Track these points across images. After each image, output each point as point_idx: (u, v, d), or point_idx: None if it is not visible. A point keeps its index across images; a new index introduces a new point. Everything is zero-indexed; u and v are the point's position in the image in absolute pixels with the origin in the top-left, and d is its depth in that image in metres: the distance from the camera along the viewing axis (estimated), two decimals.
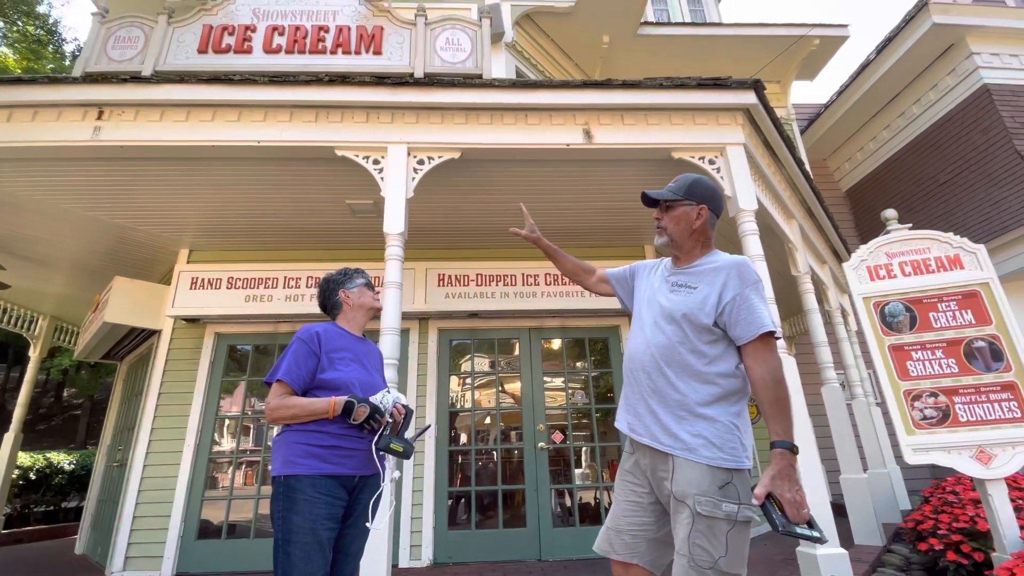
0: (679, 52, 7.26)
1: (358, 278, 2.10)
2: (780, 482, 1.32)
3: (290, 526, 1.64)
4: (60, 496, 8.07)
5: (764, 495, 1.32)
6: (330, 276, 2.11)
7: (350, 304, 2.05)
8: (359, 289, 2.07)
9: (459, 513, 4.53)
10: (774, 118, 3.73)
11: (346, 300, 2.06)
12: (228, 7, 4.25)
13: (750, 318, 1.44)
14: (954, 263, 3.18)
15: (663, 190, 1.66)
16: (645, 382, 1.53)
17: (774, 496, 1.32)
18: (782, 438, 1.36)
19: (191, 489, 4.27)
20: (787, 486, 1.31)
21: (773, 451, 1.36)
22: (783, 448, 1.35)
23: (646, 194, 1.67)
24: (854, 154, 8.51)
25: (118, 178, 3.76)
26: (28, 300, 6.46)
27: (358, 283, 2.08)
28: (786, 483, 1.32)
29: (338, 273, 2.11)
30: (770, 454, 1.37)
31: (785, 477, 1.32)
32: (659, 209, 1.67)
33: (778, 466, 1.34)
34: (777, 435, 1.37)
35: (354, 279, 2.09)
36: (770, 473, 1.34)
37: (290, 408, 1.75)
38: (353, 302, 2.05)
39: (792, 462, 1.35)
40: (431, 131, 3.44)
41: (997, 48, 6.57)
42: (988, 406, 2.88)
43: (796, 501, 1.30)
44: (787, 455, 1.35)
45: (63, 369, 15.11)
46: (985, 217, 6.35)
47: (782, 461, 1.34)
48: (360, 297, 2.06)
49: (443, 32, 4.23)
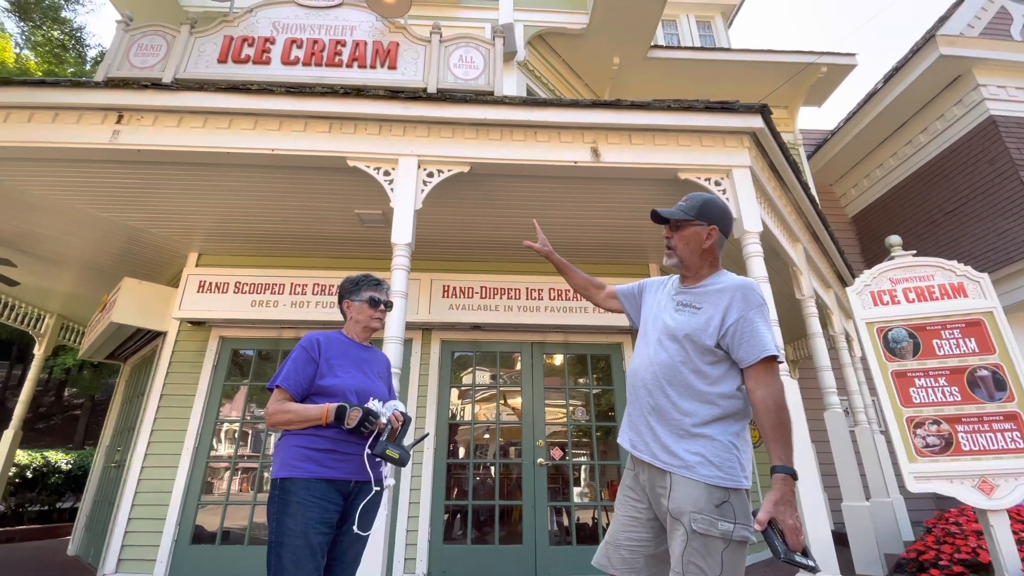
0: (688, 75, 7.38)
1: (365, 291, 2.07)
2: (783, 508, 1.30)
3: (283, 528, 1.65)
4: (56, 496, 8.03)
5: (767, 521, 1.30)
6: (344, 281, 2.13)
7: (350, 316, 2.08)
8: (360, 305, 2.06)
9: (455, 527, 4.49)
10: (780, 142, 3.78)
11: (348, 311, 2.08)
12: (249, 19, 4.37)
13: (753, 341, 1.44)
14: (958, 291, 3.18)
15: (674, 209, 1.65)
16: (646, 399, 1.54)
17: (775, 522, 1.30)
18: (783, 463, 1.35)
19: (187, 493, 4.25)
20: (788, 512, 1.30)
21: (775, 476, 1.35)
22: (785, 473, 1.34)
23: (656, 212, 1.66)
24: (860, 180, 8.55)
25: (134, 181, 3.83)
26: (36, 298, 6.52)
27: (362, 298, 2.07)
28: (788, 509, 1.30)
29: (351, 280, 2.12)
30: (771, 479, 1.36)
31: (787, 503, 1.31)
32: (668, 228, 1.66)
33: (780, 492, 1.32)
34: (779, 460, 1.36)
35: (361, 292, 2.07)
36: (772, 499, 1.32)
37: (286, 413, 1.78)
38: (352, 315, 2.07)
39: (793, 488, 1.34)
40: (442, 145, 3.50)
41: (1003, 80, 6.64)
42: (991, 435, 2.86)
43: (796, 528, 1.29)
44: (789, 481, 1.34)
45: (66, 368, 15.16)
46: (991, 247, 6.35)
47: (784, 487, 1.33)
48: (358, 313, 2.06)
49: (457, 49, 4.33)
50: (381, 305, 2.09)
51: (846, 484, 4.39)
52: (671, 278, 1.77)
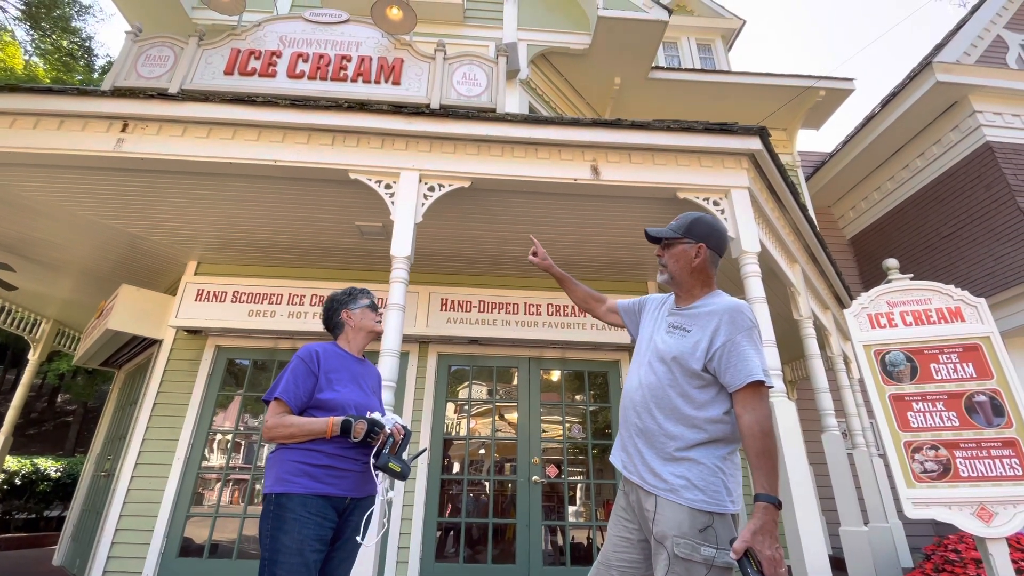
0: (688, 96, 7.47)
1: (362, 299, 2.09)
2: (761, 537, 1.28)
3: (278, 546, 1.61)
4: (43, 504, 7.92)
5: (743, 550, 1.28)
6: (335, 295, 2.12)
7: (352, 325, 2.05)
8: (362, 311, 2.06)
9: (447, 545, 4.42)
10: (778, 163, 3.81)
11: (348, 321, 2.06)
12: (257, 33, 4.43)
13: (740, 365, 1.43)
14: (955, 315, 3.19)
15: (664, 228, 1.70)
16: (635, 421, 1.54)
17: (752, 551, 1.28)
18: (767, 491, 1.33)
19: (177, 504, 4.20)
20: (768, 542, 1.28)
21: (757, 504, 1.33)
22: (768, 502, 1.32)
23: (648, 232, 1.71)
24: (858, 203, 8.61)
25: (136, 188, 3.85)
26: (33, 302, 6.50)
27: (362, 304, 2.07)
28: (767, 539, 1.28)
29: (343, 293, 2.12)
30: (754, 507, 1.34)
31: (767, 533, 1.29)
32: (660, 247, 1.69)
33: (760, 521, 1.30)
34: (762, 488, 1.34)
35: (358, 300, 2.08)
36: (751, 527, 1.30)
37: (288, 427, 1.74)
38: (355, 323, 2.05)
39: (775, 517, 1.31)
40: (443, 160, 3.53)
41: (999, 107, 6.73)
42: (989, 462, 2.84)
43: (775, 559, 1.26)
44: (771, 510, 1.31)
45: (59, 374, 15.06)
46: (988, 272, 6.37)
47: (765, 516, 1.30)
48: (362, 319, 2.05)
49: (460, 67, 4.39)
50: (380, 309, 2.12)
51: (844, 508, 4.34)
52: (669, 297, 1.77)
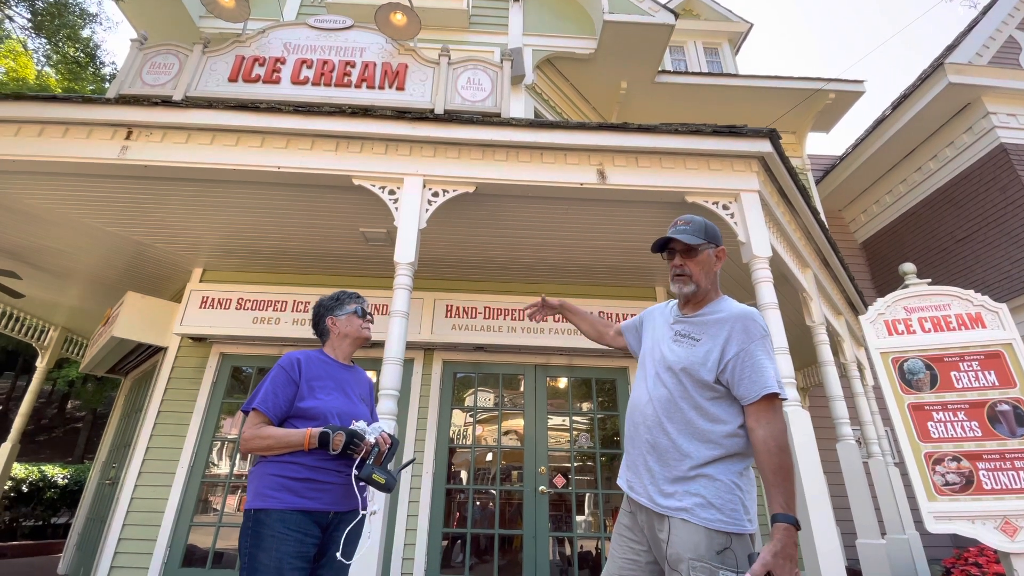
0: (695, 100, 7.41)
1: (349, 304, 2.01)
2: (782, 561, 1.20)
3: (255, 564, 1.54)
4: (50, 511, 7.94)
5: (763, 573, 1.20)
6: (321, 300, 2.04)
7: (336, 332, 1.98)
8: (347, 317, 1.98)
9: (453, 556, 4.34)
10: (789, 167, 3.74)
11: (332, 327, 1.98)
12: (261, 40, 4.43)
13: (754, 377, 1.36)
14: (975, 321, 3.09)
15: (680, 234, 1.55)
16: (645, 437, 1.46)
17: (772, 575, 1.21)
18: (785, 511, 1.25)
19: (180, 512, 4.16)
20: (788, 567, 1.20)
21: (775, 525, 1.25)
22: (787, 523, 1.24)
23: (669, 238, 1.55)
24: (870, 206, 8.49)
25: (140, 196, 3.84)
26: (41, 310, 6.54)
27: (348, 310, 1.99)
28: (787, 564, 1.20)
29: (329, 298, 2.04)
30: (772, 528, 1.26)
31: (787, 556, 1.21)
32: (679, 255, 1.56)
33: (781, 543, 1.22)
34: (780, 507, 1.26)
35: (344, 306, 2.00)
36: (772, 550, 1.22)
37: (264, 439, 1.66)
38: (340, 330, 1.97)
39: (795, 539, 1.24)
40: (448, 165, 3.49)
41: (1013, 109, 6.61)
42: (1013, 473, 2.73)
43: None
44: (791, 531, 1.23)
45: (69, 381, 15.16)
46: (1005, 276, 6.23)
47: (786, 538, 1.23)
48: (347, 326, 1.97)
49: (465, 72, 4.36)
50: (367, 315, 2.03)
51: (860, 520, 4.22)
52: (669, 304, 1.70)
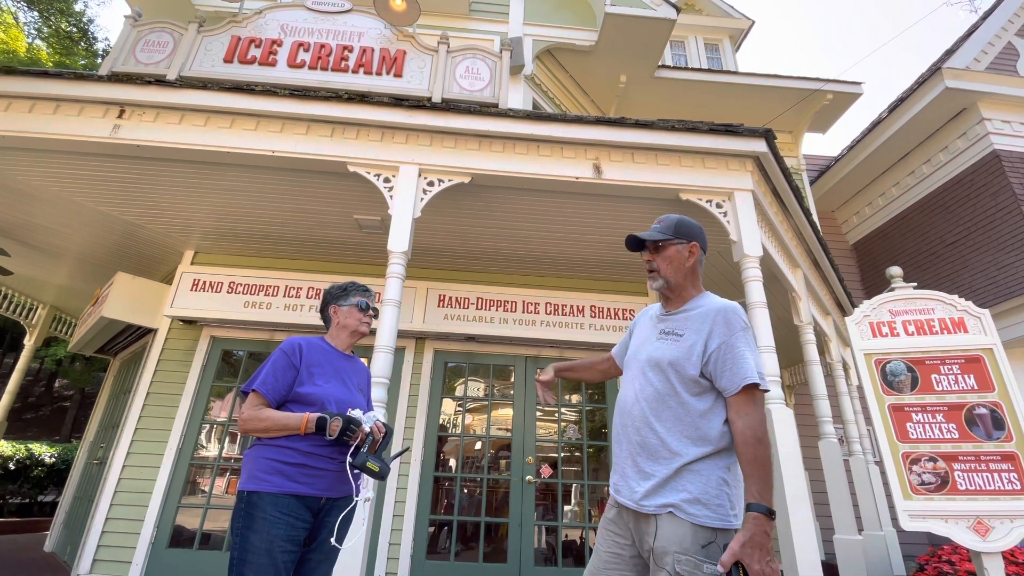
0: (694, 96, 7.40)
1: (354, 296, 2.05)
2: (751, 550, 1.21)
3: (246, 545, 1.58)
4: (37, 489, 7.91)
5: (731, 563, 1.21)
6: (330, 288, 2.09)
7: (336, 322, 2.02)
8: (348, 309, 2.02)
9: (439, 542, 4.40)
10: (784, 167, 3.76)
11: (334, 317, 2.03)
12: (257, 21, 4.37)
13: (735, 368, 1.39)
14: (958, 326, 3.14)
15: (650, 231, 1.62)
16: (634, 437, 1.48)
17: (743, 565, 1.21)
18: (758, 501, 1.27)
19: (168, 493, 4.17)
20: (758, 555, 1.21)
21: (747, 514, 1.27)
22: (759, 512, 1.25)
23: (634, 236, 1.61)
24: (862, 208, 8.55)
25: (132, 176, 3.80)
26: (30, 288, 6.48)
27: (351, 302, 2.03)
28: (757, 552, 1.21)
29: (338, 287, 2.08)
30: (744, 516, 1.28)
31: (757, 545, 1.22)
32: (648, 251, 1.62)
33: (750, 532, 1.23)
34: (753, 497, 1.28)
35: (349, 297, 2.05)
36: (741, 539, 1.23)
37: (262, 421, 1.70)
38: (340, 321, 2.01)
39: (767, 528, 1.24)
40: (444, 154, 3.48)
41: (1008, 115, 6.66)
42: (988, 475, 2.80)
43: (765, 574, 1.19)
44: (762, 520, 1.25)
45: (57, 359, 15.05)
46: (991, 281, 6.32)
47: (756, 527, 1.24)
48: (347, 318, 2.01)
49: (464, 60, 4.33)
50: (370, 310, 2.07)
51: (839, 516, 4.31)
52: (655, 307, 1.72)
